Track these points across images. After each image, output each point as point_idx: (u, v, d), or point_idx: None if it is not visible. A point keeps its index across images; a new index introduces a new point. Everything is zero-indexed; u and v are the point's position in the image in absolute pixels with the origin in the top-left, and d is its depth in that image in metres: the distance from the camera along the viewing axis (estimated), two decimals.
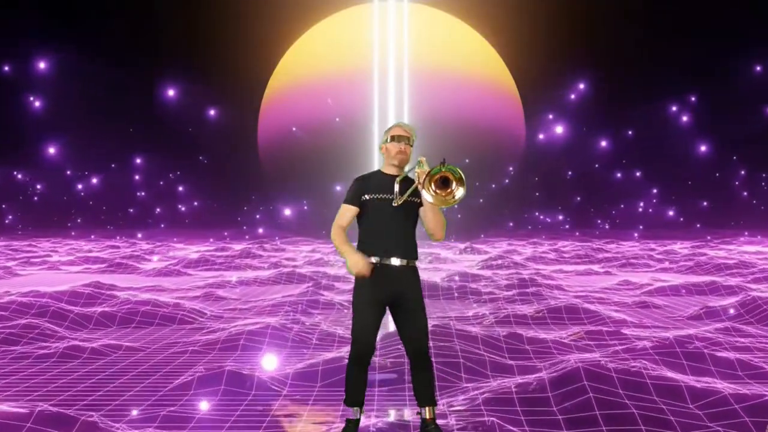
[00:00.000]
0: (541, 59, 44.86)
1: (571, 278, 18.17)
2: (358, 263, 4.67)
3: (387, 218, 4.75)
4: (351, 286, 15.35)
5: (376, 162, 45.23)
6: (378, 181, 4.83)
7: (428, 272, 19.54)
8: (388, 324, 6.75)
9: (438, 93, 44.05)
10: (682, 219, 47.02)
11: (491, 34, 46.53)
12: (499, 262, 21.93)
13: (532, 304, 12.13)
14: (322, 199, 46.02)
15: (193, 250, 32.65)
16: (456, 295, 13.70)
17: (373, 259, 4.71)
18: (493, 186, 46.37)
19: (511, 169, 46.53)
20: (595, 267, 21.27)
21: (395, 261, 4.73)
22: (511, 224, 45.80)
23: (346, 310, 12.08)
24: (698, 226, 43.97)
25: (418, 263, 4.91)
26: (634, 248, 33.11)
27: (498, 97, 46.56)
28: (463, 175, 4.50)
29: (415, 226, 4.86)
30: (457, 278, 15.48)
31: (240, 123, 47.18)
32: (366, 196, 4.80)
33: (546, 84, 45.99)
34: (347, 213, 4.83)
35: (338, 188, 45.86)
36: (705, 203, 46.24)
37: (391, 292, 4.72)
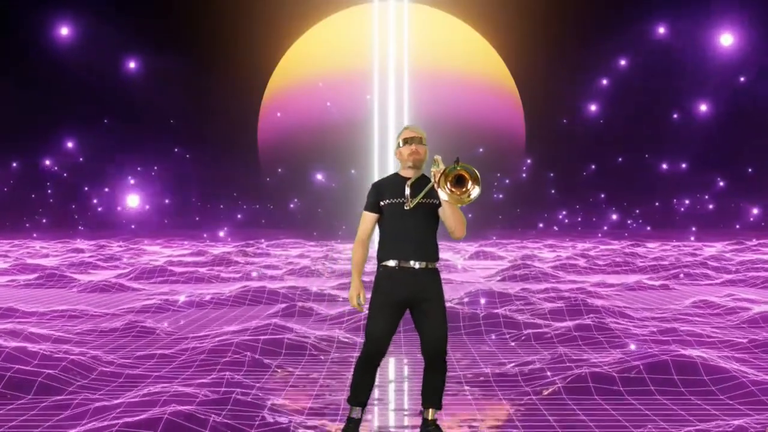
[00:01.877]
0: (541, 59, 44.43)
1: (625, 295, 14.06)
2: (352, 298, 4.77)
3: (404, 221, 4.75)
4: (337, 309, 11.22)
5: (375, 161, 43.85)
6: (394, 184, 4.83)
7: None
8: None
9: (438, 93, 43.61)
10: (701, 217, 43.13)
11: (491, 34, 46.49)
12: (524, 272, 17.78)
13: (605, 350, 8.02)
14: (317, 199, 43.33)
15: (165, 255, 28.59)
16: (484, 328, 9.55)
17: (392, 262, 4.71)
18: (495, 185, 44.20)
19: (527, 163, 43.50)
20: (645, 278, 17.12)
21: (414, 263, 4.70)
22: (541, 225, 42.35)
23: (323, 356, 8.00)
24: (738, 227, 39.88)
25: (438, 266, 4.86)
26: (668, 252, 29.03)
27: (498, 97, 46.19)
28: (478, 174, 4.51)
29: (435, 228, 4.82)
30: (483, 301, 11.31)
31: (239, 123, 45.67)
32: (383, 201, 4.81)
33: (546, 84, 45.12)
34: (367, 221, 4.86)
35: (333, 185, 43.15)
36: (736, 201, 42.24)
37: (409, 295, 4.70)
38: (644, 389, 6.26)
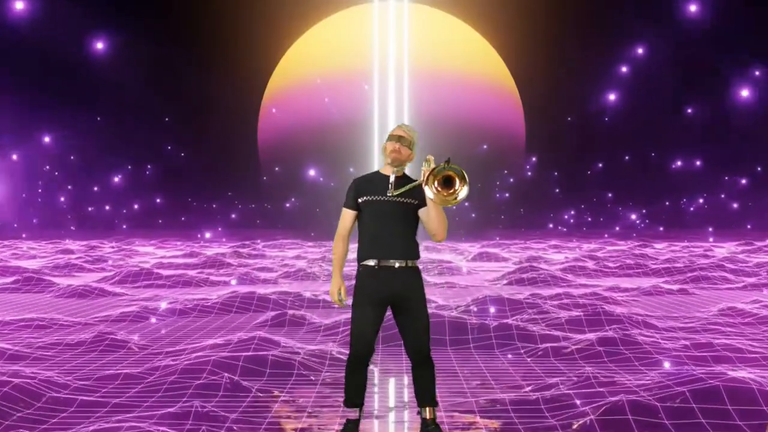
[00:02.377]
0: (541, 59, 44.24)
1: (643, 300, 13.02)
2: (333, 294, 4.73)
3: (385, 219, 4.68)
4: (332, 318, 10.20)
5: (375, 161, 44.61)
6: (375, 181, 4.77)
7: (441, 291, 14.41)
8: None
9: (438, 93, 43.56)
10: (709, 217, 42.08)
11: (491, 34, 46.50)
12: (532, 275, 16.75)
13: (638, 370, 6.99)
14: (315, 198, 42.52)
15: (156, 256, 27.57)
16: (495, 341, 8.52)
17: (372, 262, 4.65)
18: (498, 185, 43.39)
19: (529, 162, 42.75)
20: (661, 282, 16.10)
21: (394, 262, 4.65)
22: (550, 225, 41.40)
23: (313, 376, 6.98)
24: (748, 228, 38.80)
25: (421, 266, 4.81)
26: (677, 253, 27.99)
27: (498, 97, 46.10)
28: (466, 175, 4.43)
29: (414, 227, 4.77)
30: (492, 310, 10.27)
31: (239, 122, 45.39)
32: (362, 198, 4.75)
33: (546, 84, 44.72)
34: (346, 217, 4.81)
35: (332, 184, 42.39)
36: (744, 201, 41.21)
37: (391, 293, 4.66)
38: (694, 422, 5.24)
